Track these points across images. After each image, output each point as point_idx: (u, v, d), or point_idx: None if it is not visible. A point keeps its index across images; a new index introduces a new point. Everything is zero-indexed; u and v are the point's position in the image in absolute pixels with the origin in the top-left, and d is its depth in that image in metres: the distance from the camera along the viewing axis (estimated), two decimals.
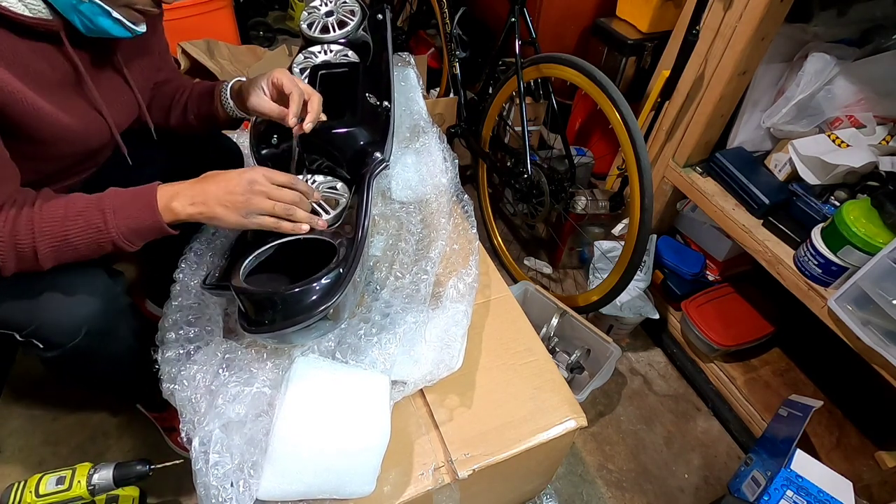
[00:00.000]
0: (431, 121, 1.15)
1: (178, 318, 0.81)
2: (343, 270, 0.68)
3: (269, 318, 0.65)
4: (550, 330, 1.27)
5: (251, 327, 0.66)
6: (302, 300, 0.65)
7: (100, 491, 0.90)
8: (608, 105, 1.13)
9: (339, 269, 0.68)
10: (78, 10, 0.62)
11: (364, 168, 0.84)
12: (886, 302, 0.89)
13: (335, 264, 0.68)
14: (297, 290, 0.65)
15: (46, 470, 0.91)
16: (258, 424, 0.68)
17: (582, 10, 1.73)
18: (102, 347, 0.81)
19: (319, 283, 0.65)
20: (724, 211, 1.20)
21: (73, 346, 0.76)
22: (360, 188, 0.80)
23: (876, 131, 1.12)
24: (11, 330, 0.74)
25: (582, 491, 1.18)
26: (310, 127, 0.79)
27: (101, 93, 0.74)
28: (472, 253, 0.94)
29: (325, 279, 0.66)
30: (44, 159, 0.73)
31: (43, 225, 0.64)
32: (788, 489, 0.94)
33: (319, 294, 0.65)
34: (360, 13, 1.10)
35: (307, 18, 1.10)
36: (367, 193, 0.79)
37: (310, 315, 0.64)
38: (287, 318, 0.64)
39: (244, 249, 0.76)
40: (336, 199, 0.81)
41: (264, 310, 0.66)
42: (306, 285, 0.65)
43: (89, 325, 0.76)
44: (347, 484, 0.67)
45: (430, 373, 0.76)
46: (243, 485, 0.64)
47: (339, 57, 1.04)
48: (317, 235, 0.74)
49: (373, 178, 0.82)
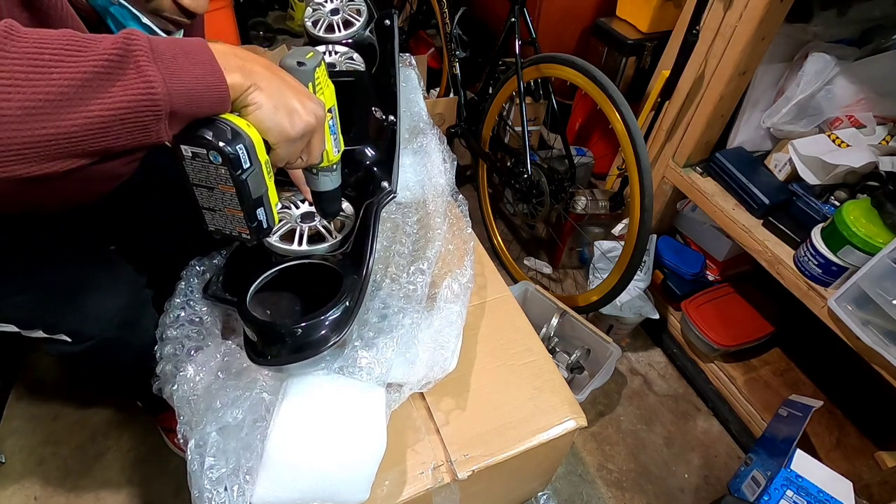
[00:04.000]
0: (431, 122, 1.14)
1: (180, 315, 0.81)
2: (350, 304, 0.67)
3: (276, 352, 0.64)
4: (550, 330, 1.27)
5: (259, 359, 0.65)
6: (311, 335, 0.64)
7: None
8: (608, 105, 1.13)
9: (346, 303, 0.66)
10: (109, 12, 0.61)
11: (371, 197, 0.81)
12: (886, 302, 0.89)
13: (342, 297, 0.67)
14: (306, 324, 0.64)
15: None
16: (255, 430, 0.68)
17: (582, 10, 1.73)
18: (129, 339, 0.81)
19: (327, 317, 0.64)
20: (724, 211, 1.20)
21: (103, 339, 0.76)
22: (367, 218, 0.78)
23: (876, 131, 1.12)
24: (37, 327, 0.73)
25: (582, 491, 1.18)
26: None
27: None
28: (468, 253, 0.93)
29: (332, 314, 0.65)
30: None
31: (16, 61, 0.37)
32: (788, 489, 0.94)
33: (328, 329, 0.65)
34: (367, 13, 1.08)
35: (311, 16, 1.07)
36: (374, 226, 0.77)
37: (317, 350, 0.63)
38: (295, 352, 0.63)
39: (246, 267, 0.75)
40: (342, 223, 0.80)
41: (272, 343, 0.65)
42: (315, 319, 0.64)
43: (121, 315, 0.76)
44: (341, 492, 0.67)
45: (425, 376, 0.76)
46: (237, 490, 0.64)
47: (345, 61, 1.01)
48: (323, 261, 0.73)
49: (380, 209, 0.80)
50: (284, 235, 0.76)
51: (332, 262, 0.73)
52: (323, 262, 0.73)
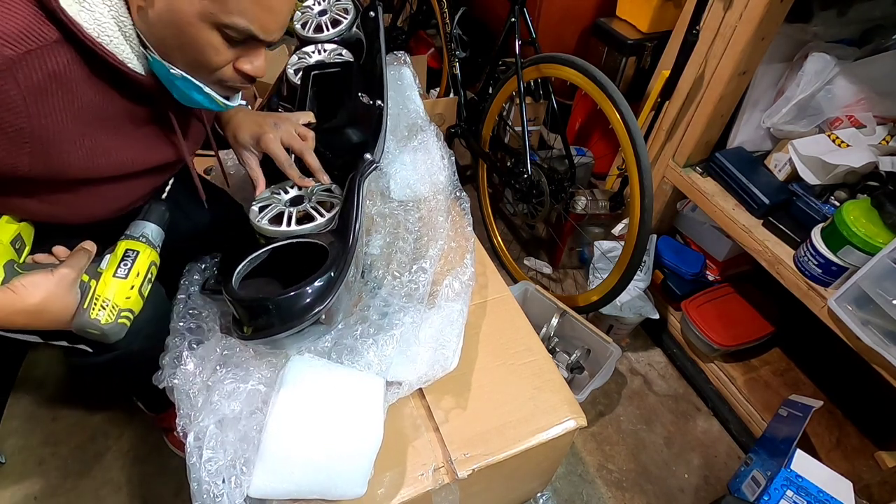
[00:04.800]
0: (429, 119, 1.15)
1: (183, 309, 0.82)
2: (334, 273, 0.67)
3: (262, 325, 0.64)
4: (550, 330, 1.27)
5: (245, 334, 0.66)
6: (294, 305, 0.64)
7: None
8: (608, 105, 1.13)
9: (330, 273, 0.67)
10: (174, 83, 0.62)
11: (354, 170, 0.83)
12: (886, 302, 0.89)
13: (326, 267, 0.67)
14: (289, 294, 0.64)
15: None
16: (252, 421, 0.69)
17: (582, 10, 1.73)
18: (150, 350, 0.80)
19: (311, 286, 0.65)
20: (724, 211, 1.20)
21: (128, 351, 0.76)
22: (351, 190, 0.79)
23: (876, 131, 1.12)
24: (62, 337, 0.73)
25: (582, 491, 1.18)
26: (326, 178, 0.82)
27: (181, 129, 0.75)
28: (469, 251, 0.93)
29: (316, 283, 0.65)
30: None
31: None
32: (788, 489, 0.94)
33: (311, 298, 0.65)
34: (354, 11, 1.11)
35: (300, 18, 1.11)
36: (356, 195, 0.78)
37: (302, 319, 0.63)
38: (280, 323, 0.64)
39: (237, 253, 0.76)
40: (331, 203, 0.81)
41: (257, 316, 0.65)
42: (298, 290, 0.64)
43: (147, 329, 0.76)
44: (338, 485, 0.67)
45: (425, 373, 0.76)
46: (235, 481, 0.64)
47: (333, 56, 1.04)
48: (309, 239, 0.74)
49: (363, 179, 0.81)
50: (273, 219, 0.77)
51: (320, 239, 0.73)
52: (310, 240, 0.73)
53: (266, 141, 0.80)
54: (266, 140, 0.80)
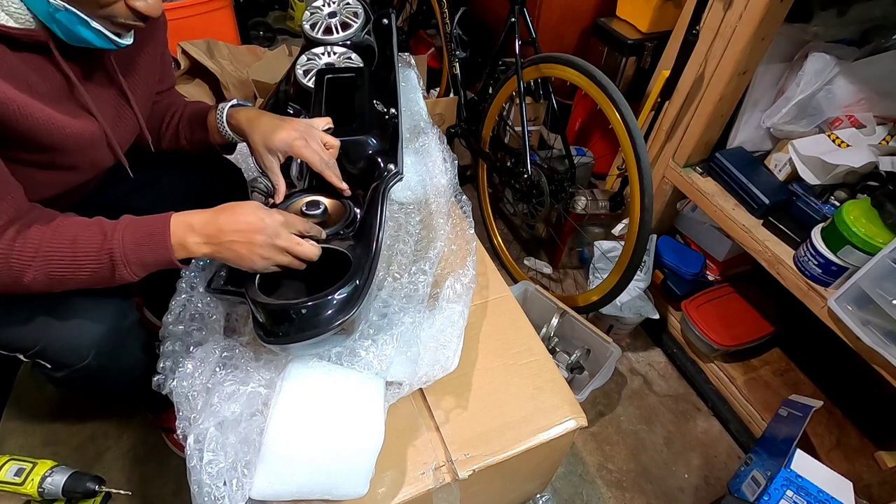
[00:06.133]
0: (431, 122, 1.15)
1: (182, 313, 0.81)
2: (359, 283, 0.67)
3: (285, 331, 0.65)
4: (550, 330, 1.27)
5: (268, 338, 0.66)
6: (318, 313, 0.64)
7: (49, 496, 0.89)
8: (608, 105, 1.13)
9: (355, 282, 0.67)
10: (55, 18, 0.59)
11: (377, 180, 0.83)
12: (886, 302, 0.89)
13: (351, 277, 0.67)
14: (314, 303, 0.64)
15: (15, 455, 0.90)
16: (252, 424, 0.68)
17: (582, 10, 1.73)
18: (112, 364, 0.80)
19: (336, 296, 0.65)
20: (724, 211, 1.20)
21: (82, 367, 0.75)
22: (374, 200, 0.79)
23: (876, 131, 1.12)
24: (16, 351, 0.73)
25: (582, 491, 1.18)
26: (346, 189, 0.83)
27: (99, 106, 0.72)
28: (470, 254, 0.94)
29: (341, 293, 0.65)
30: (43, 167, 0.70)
31: (47, 251, 0.61)
32: (788, 489, 0.94)
33: (336, 308, 0.65)
34: (364, 16, 1.09)
35: (309, 19, 1.09)
36: (381, 206, 0.78)
37: (326, 329, 0.64)
38: (303, 330, 0.64)
39: None
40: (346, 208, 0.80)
41: (281, 322, 0.65)
42: (323, 298, 0.64)
43: (98, 346, 0.75)
44: (340, 485, 0.67)
45: (425, 374, 0.76)
46: (236, 483, 0.64)
47: (343, 59, 1.03)
48: (333, 246, 0.74)
49: (388, 190, 0.81)
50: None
51: (342, 246, 0.74)
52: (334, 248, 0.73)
53: (297, 147, 0.80)
54: (297, 146, 0.80)
